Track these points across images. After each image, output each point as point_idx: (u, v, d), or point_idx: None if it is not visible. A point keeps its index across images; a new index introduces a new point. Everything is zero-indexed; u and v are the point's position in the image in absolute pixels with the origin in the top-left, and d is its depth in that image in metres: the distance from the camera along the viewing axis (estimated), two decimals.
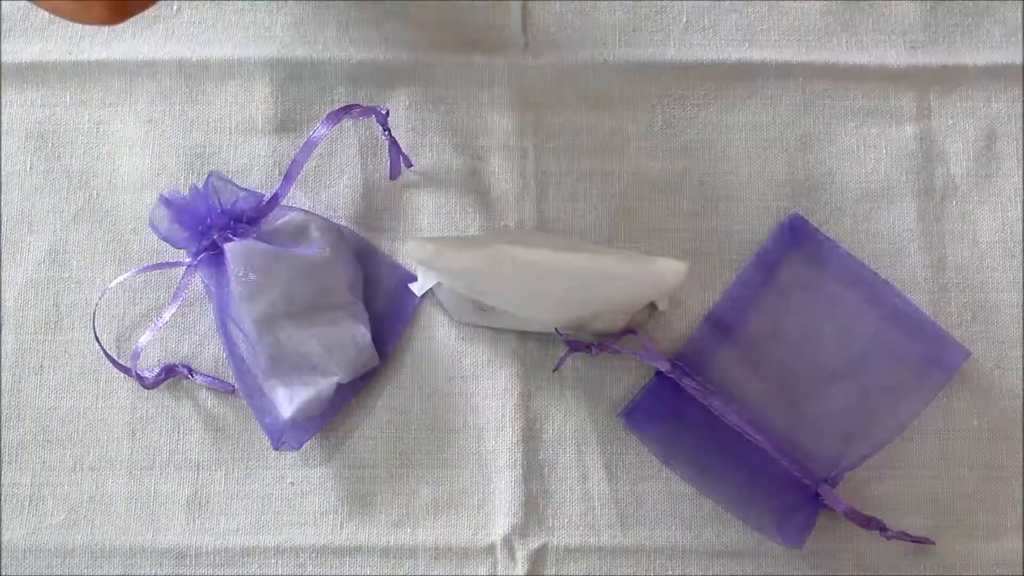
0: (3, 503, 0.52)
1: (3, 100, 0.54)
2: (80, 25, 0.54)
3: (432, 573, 0.52)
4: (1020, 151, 0.54)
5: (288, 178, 0.50)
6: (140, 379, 0.51)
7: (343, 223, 0.53)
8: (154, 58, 0.54)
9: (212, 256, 0.50)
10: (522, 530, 0.52)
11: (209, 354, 0.53)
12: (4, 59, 0.54)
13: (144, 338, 0.51)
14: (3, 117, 0.54)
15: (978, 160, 0.54)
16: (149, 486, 0.52)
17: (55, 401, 0.53)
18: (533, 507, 0.52)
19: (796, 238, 0.51)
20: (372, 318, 0.52)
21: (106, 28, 0.54)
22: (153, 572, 0.52)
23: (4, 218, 0.54)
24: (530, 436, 0.52)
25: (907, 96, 0.54)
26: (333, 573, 0.52)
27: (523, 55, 0.54)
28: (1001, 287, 0.53)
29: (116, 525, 0.52)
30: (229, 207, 0.50)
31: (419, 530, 0.52)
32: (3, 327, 0.53)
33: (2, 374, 0.53)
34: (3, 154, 0.54)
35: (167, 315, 0.51)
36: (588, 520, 0.52)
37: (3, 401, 0.52)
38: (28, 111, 0.54)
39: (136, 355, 0.51)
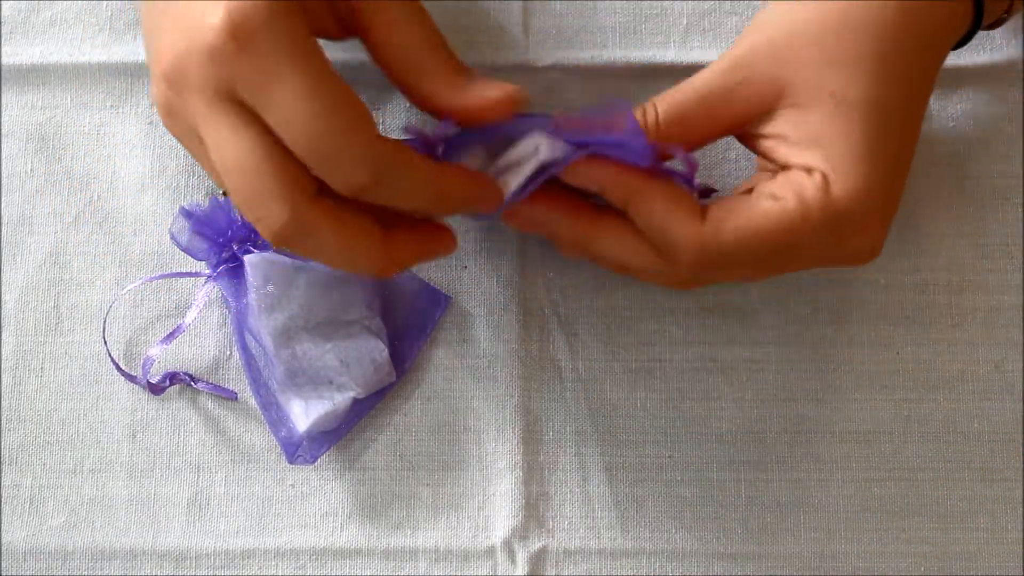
0: (3, 505, 0.52)
1: (3, 102, 0.54)
2: (81, 27, 0.54)
3: (432, 575, 0.52)
4: (1021, 153, 0.54)
5: None
6: (151, 388, 0.51)
7: None
8: None
9: (231, 268, 0.50)
10: (522, 532, 0.52)
11: (211, 359, 0.53)
12: (4, 61, 0.54)
13: (155, 350, 0.51)
14: (3, 119, 0.54)
15: (979, 162, 0.54)
16: (149, 488, 0.52)
17: (55, 403, 0.53)
18: (533, 509, 0.52)
19: None
20: (390, 334, 0.52)
21: (107, 30, 0.54)
22: (153, 574, 0.52)
23: (4, 220, 0.54)
24: (530, 438, 0.52)
25: None
26: (333, 575, 0.52)
27: (523, 57, 0.54)
28: (1002, 289, 0.53)
29: (116, 527, 0.52)
30: None
31: (419, 532, 0.52)
32: (3, 329, 0.53)
33: (2, 376, 0.53)
34: (3, 156, 0.54)
35: (184, 327, 0.51)
36: (588, 522, 0.52)
37: (3, 403, 0.53)
38: (29, 113, 0.54)
39: (148, 365, 0.51)
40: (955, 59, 0.54)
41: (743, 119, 0.44)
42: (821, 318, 0.53)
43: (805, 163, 0.43)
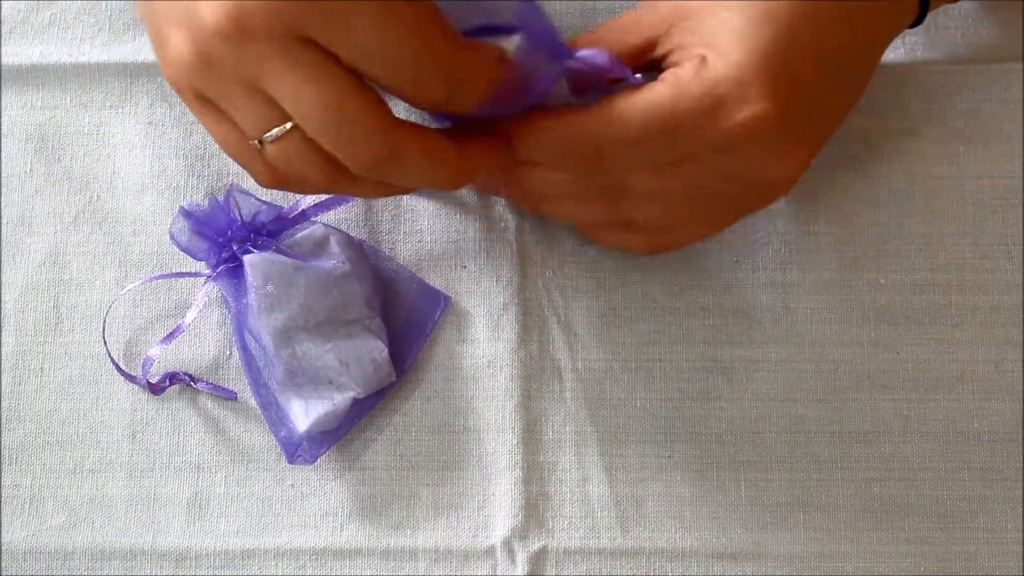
0: (3, 505, 0.52)
1: (3, 102, 0.54)
2: (80, 27, 0.54)
3: (432, 575, 0.52)
4: (1021, 153, 0.54)
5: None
6: (151, 388, 0.51)
7: (359, 236, 0.53)
8: (155, 60, 0.54)
9: (231, 268, 0.50)
10: (522, 532, 0.52)
11: (211, 359, 0.53)
12: (4, 61, 0.54)
13: (155, 350, 0.51)
14: (3, 119, 0.54)
15: (978, 162, 0.54)
16: (149, 488, 0.52)
17: (55, 403, 0.53)
18: (533, 509, 0.52)
19: None
20: (390, 334, 0.52)
21: (106, 30, 0.54)
22: (153, 574, 0.52)
23: (4, 220, 0.54)
24: (530, 438, 0.52)
25: (908, 98, 0.54)
26: (333, 575, 0.52)
27: None
28: (1001, 288, 0.53)
29: (116, 527, 0.52)
30: (249, 219, 0.50)
31: (419, 532, 0.52)
32: (3, 329, 0.53)
33: (2, 376, 0.53)
34: (3, 156, 0.54)
35: (184, 327, 0.51)
36: (588, 522, 0.52)
37: (3, 403, 0.53)
38: (28, 113, 0.54)
39: (147, 365, 0.51)
40: (955, 59, 0.54)
41: (650, 42, 0.46)
42: (821, 318, 0.53)
43: (692, 54, 0.44)
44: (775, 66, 0.44)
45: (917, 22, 0.49)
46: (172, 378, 0.52)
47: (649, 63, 0.47)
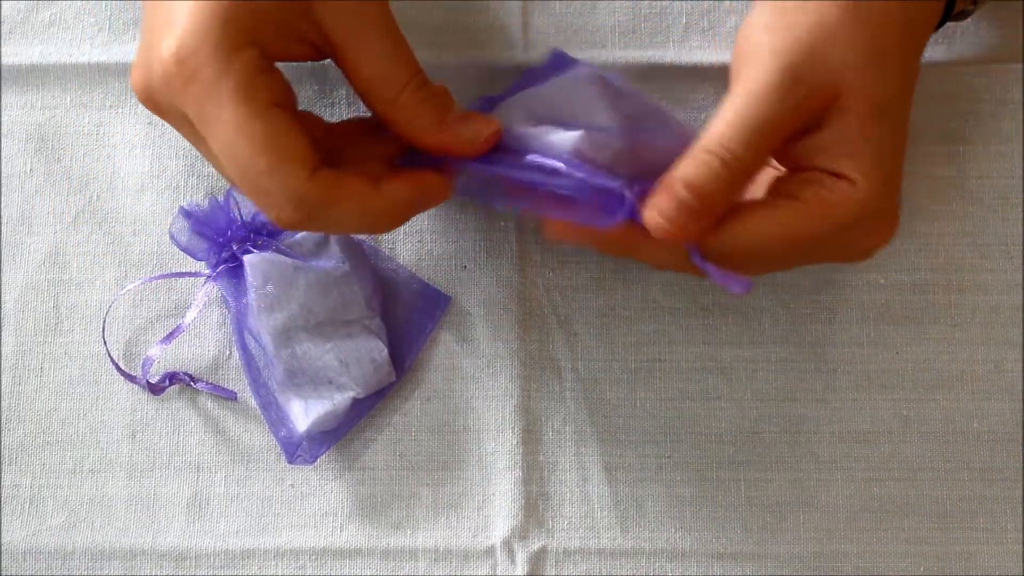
0: (3, 505, 0.52)
1: (3, 103, 0.54)
2: (80, 27, 0.54)
3: (432, 575, 0.52)
4: (1021, 153, 0.54)
5: None
6: (151, 388, 0.51)
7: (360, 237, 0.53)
8: None
9: (231, 268, 0.50)
10: (522, 532, 0.52)
11: (211, 359, 0.53)
12: (4, 61, 0.54)
13: (155, 350, 0.51)
14: (3, 119, 0.54)
15: (978, 162, 0.54)
16: (149, 488, 0.52)
17: (55, 403, 0.53)
18: (533, 509, 0.52)
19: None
20: (390, 334, 0.52)
21: (106, 30, 0.54)
22: (153, 574, 0.52)
23: (4, 220, 0.54)
24: (530, 438, 0.52)
25: None
26: (333, 575, 0.52)
27: (523, 56, 0.54)
28: (1001, 288, 0.53)
29: (116, 527, 0.52)
30: (249, 219, 0.50)
31: (419, 532, 0.52)
32: (3, 329, 0.53)
33: (2, 376, 0.53)
34: (3, 156, 0.54)
35: (184, 327, 0.51)
36: (588, 522, 0.52)
37: (3, 403, 0.53)
38: (28, 113, 0.54)
39: (147, 365, 0.51)
40: (955, 59, 0.54)
41: (793, 137, 0.43)
42: (821, 318, 0.53)
43: (836, 168, 0.42)
44: (898, 188, 0.45)
45: (939, 25, 0.49)
46: (172, 378, 0.52)
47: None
